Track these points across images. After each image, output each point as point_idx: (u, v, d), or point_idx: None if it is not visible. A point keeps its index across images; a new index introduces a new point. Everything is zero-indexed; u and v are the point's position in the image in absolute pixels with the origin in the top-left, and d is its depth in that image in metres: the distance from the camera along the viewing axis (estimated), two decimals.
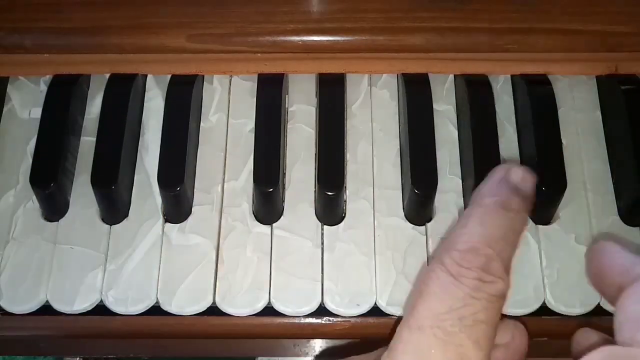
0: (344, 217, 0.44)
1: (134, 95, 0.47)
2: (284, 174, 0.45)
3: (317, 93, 0.48)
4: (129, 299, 0.42)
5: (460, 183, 0.45)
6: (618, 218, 0.44)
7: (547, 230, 0.43)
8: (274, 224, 0.44)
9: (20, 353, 0.48)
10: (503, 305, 0.31)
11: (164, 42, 0.47)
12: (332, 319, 0.42)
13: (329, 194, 0.43)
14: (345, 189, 0.45)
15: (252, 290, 0.42)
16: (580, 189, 0.45)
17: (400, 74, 0.48)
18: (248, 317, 0.42)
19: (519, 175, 0.34)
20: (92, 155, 0.45)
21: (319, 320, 0.42)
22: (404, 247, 0.43)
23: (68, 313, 0.42)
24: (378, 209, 0.44)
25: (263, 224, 0.44)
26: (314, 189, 0.45)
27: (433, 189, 0.43)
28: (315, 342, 0.45)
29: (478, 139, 0.45)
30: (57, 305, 0.42)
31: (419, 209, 0.44)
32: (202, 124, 0.47)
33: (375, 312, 0.42)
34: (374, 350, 0.33)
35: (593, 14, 0.47)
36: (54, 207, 0.44)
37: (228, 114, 0.48)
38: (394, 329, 0.31)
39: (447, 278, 0.30)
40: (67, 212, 0.44)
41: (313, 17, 0.47)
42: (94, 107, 0.48)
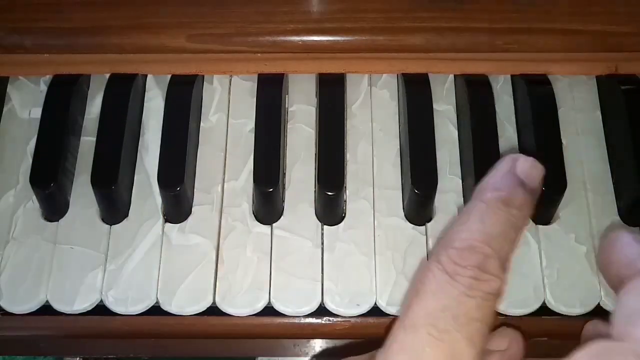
0: (344, 217, 0.44)
1: (134, 95, 0.47)
2: (284, 174, 0.45)
3: (317, 93, 0.48)
4: (129, 299, 0.42)
5: (460, 183, 0.45)
6: (618, 218, 0.44)
7: (547, 230, 0.43)
8: (274, 224, 0.44)
9: (20, 353, 0.47)
10: (498, 303, 0.30)
11: (164, 42, 0.47)
12: (332, 319, 0.42)
13: (329, 194, 0.43)
14: (345, 189, 0.45)
15: (252, 290, 0.42)
16: (580, 189, 0.45)
17: (400, 74, 0.48)
18: (248, 317, 0.42)
19: (527, 167, 0.33)
20: (92, 155, 0.45)
21: (319, 320, 0.42)
22: (404, 247, 0.43)
23: (68, 313, 0.42)
24: (378, 209, 0.44)
25: (263, 224, 0.44)
26: (314, 189, 0.45)
27: (433, 189, 0.43)
28: (315, 342, 0.45)
29: (478, 139, 0.45)
30: (57, 305, 0.42)
31: (419, 209, 0.44)
32: (202, 124, 0.47)
33: (375, 312, 0.42)
34: (371, 352, 0.33)
35: (593, 14, 0.47)
36: (54, 207, 0.44)
37: (228, 114, 0.48)
38: (390, 329, 0.31)
39: (442, 276, 0.30)
40: (67, 212, 0.44)
41: (313, 17, 0.47)
42: (94, 107, 0.48)
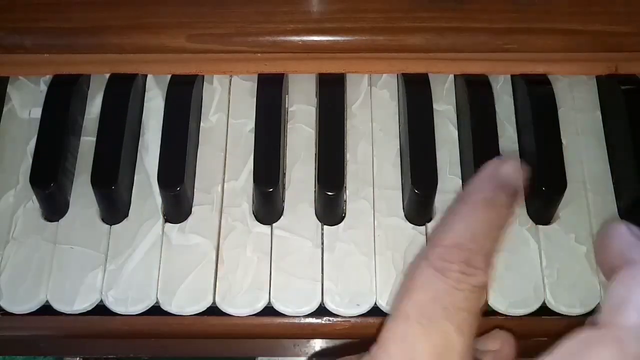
0: (344, 217, 0.44)
1: (134, 95, 0.47)
2: (284, 174, 0.45)
3: (317, 93, 0.48)
4: (129, 299, 0.42)
5: (460, 183, 0.45)
6: (618, 218, 0.44)
7: (547, 230, 0.43)
8: (274, 224, 0.44)
9: (20, 353, 0.47)
10: (484, 296, 0.33)
11: (164, 42, 0.47)
12: (332, 319, 0.42)
13: (329, 194, 0.43)
14: (345, 189, 0.44)
15: (252, 290, 0.42)
16: (580, 189, 0.45)
17: (400, 74, 0.48)
18: (248, 317, 0.42)
19: (509, 171, 0.36)
20: (92, 155, 0.45)
21: (319, 320, 0.43)
22: (404, 247, 0.43)
23: (68, 313, 0.42)
24: (378, 209, 0.44)
25: (263, 224, 0.44)
26: (314, 189, 0.45)
27: (433, 189, 0.43)
28: (315, 342, 0.45)
29: (478, 139, 0.45)
30: (57, 305, 0.42)
31: (419, 209, 0.44)
32: (202, 124, 0.47)
33: (375, 312, 0.42)
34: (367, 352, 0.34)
35: (593, 14, 0.47)
36: (54, 207, 0.44)
37: (228, 114, 0.48)
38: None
39: (431, 272, 0.32)
40: (67, 212, 0.44)
41: (313, 17, 0.47)
42: (94, 107, 0.48)
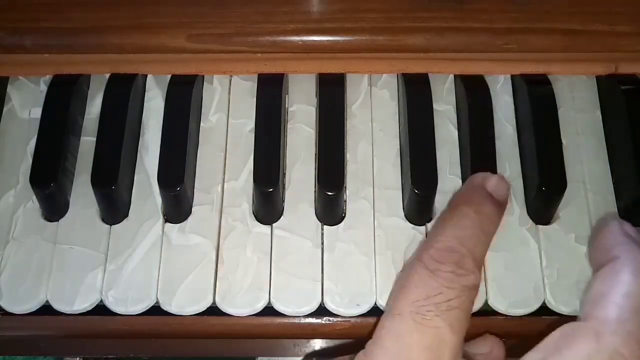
0: (344, 217, 0.44)
1: (134, 95, 0.47)
2: (284, 174, 0.45)
3: (317, 93, 0.48)
4: (129, 299, 0.42)
5: (460, 183, 0.45)
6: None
7: (547, 230, 0.43)
8: (274, 224, 0.44)
9: (20, 353, 0.48)
10: (475, 296, 0.34)
11: (164, 42, 0.47)
12: (332, 319, 0.42)
13: (329, 194, 0.43)
14: (345, 189, 0.45)
15: (252, 290, 0.42)
16: (580, 189, 0.45)
17: (400, 74, 0.48)
18: (248, 317, 0.42)
19: (494, 183, 0.39)
20: (92, 155, 0.45)
21: (319, 320, 0.42)
22: (404, 247, 0.43)
23: (68, 313, 0.42)
24: (378, 209, 0.44)
25: (263, 224, 0.44)
26: (314, 189, 0.45)
27: (433, 189, 0.43)
28: (315, 342, 0.45)
29: (476, 139, 0.45)
30: (57, 305, 0.42)
31: (419, 209, 0.44)
32: (202, 124, 0.47)
33: (375, 312, 0.42)
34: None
35: (593, 14, 0.47)
36: (54, 207, 0.44)
37: (228, 114, 0.48)
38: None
39: (425, 272, 0.34)
40: (67, 212, 0.44)
41: (313, 17, 0.47)
42: (94, 107, 0.48)
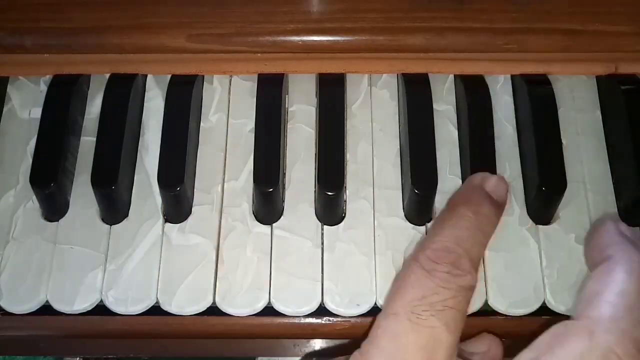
0: (344, 217, 0.44)
1: (134, 95, 0.47)
2: (284, 174, 0.45)
3: (317, 93, 0.48)
4: (129, 299, 0.42)
5: (460, 183, 0.45)
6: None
7: (547, 230, 0.43)
8: (274, 224, 0.44)
9: (20, 353, 0.48)
10: (471, 296, 0.34)
11: (164, 42, 0.47)
12: (332, 319, 0.42)
13: (329, 194, 0.43)
14: (345, 189, 0.45)
15: (252, 290, 0.42)
16: (580, 189, 0.45)
17: (400, 74, 0.48)
18: (248, 317, 0.42)
19: (493, 183, 0.39)
20: (92, 155, 0.45)
21: (319, 320, 0.42)
22: (404, 247, 0.43)
23: (68, 313, 0.42)
24: (378, 209, 0.44)
25: (263, 224, 0.44)
26: (314, 189, 0.45)
27: (433, 189, 0.43)
28: (315, 342, 0.45)
29: (475, 139, 0.45)
30: (57, 305, 0.42)
31: (419, 209, 0.44)
32: (202, 124, 0.47)
33: (375, 312, 0.42)
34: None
35: (593, 14, 0.47)
36: (54, 207, 0.44)
37: (228, 114, 0.48)
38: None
39: (421, 272, 0.33)
40: (67, 212, 0.44)
41: (313, 17, 0.47)
42: (94, 107, 0.48)
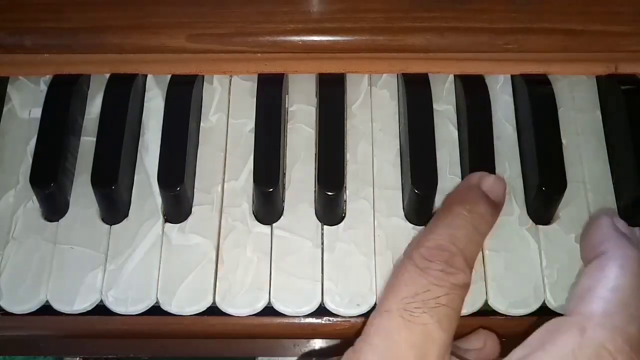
0: (344, 217, 0.44)
1: (134, 95, 0.47)
2: (284, 174, 0.45)
3: (317, 93, 0.48)
4: (129, 299, 0.42)
5: None
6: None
7: (547, 230, 0.43)
8: (274, 224, 0.44)
9: (20, 353, 0.47)
10: (465, 295, 0.34)
11: (164, 42, 0.47)
12: (332, 319, 0.42)
13: (329, 194, 0.43)
14: (345, 189, 0.45)
15: (252, 290, 0.42)
16: (580, 189, 0.45)
17: (400, 74, 0.48)
18: (248, 317, 0.42)
19: (490, 182, 0.39)
20: (92, 155, 0.45)
21: (319, 320, 0.43)
22: (404, 247, 0.43)
23: (68, 313, 0.42)
24: (378, 209, 0.44)
25: (263, 224, 0.44)
26: (314, 189, 0.45)
27: (433, 189, 0.43)
28: (315, 342, 0.45)
29: (474, 139, 0.45)
30: (57, 305, 0.42)
31: (419, 209, 0.44)
32: (202, 124, 0.47)
33: None
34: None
35: (593, 14, 0.47)
36: (54, 207, 0.44)
37: (228, 114, 0.48)
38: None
39: (414, 270, 0.34)
40: (67, 212, 0.44)
41: (313, 17, 0.47)
42: (94, 107, 0.48)
